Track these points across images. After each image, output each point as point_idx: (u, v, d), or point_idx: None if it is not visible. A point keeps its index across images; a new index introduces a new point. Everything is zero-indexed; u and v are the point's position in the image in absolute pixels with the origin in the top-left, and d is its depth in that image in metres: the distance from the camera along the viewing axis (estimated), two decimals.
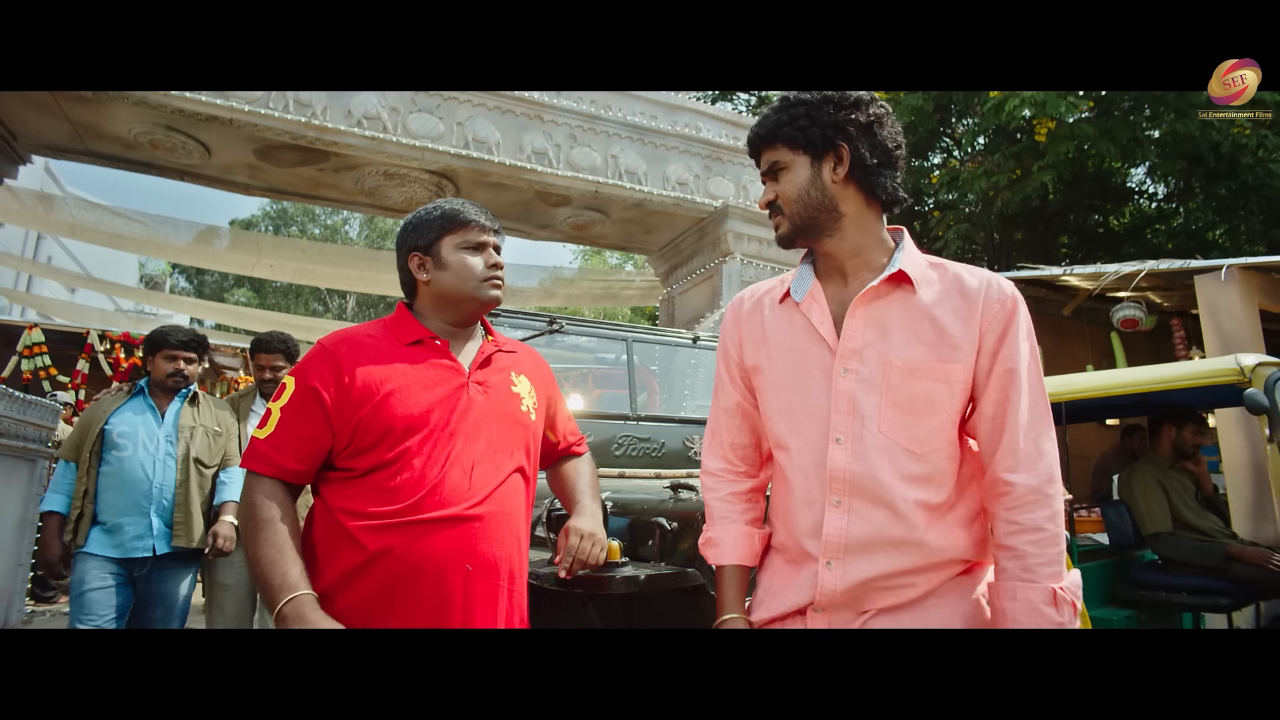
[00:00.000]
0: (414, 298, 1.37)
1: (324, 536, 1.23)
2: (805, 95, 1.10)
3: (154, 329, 2.71)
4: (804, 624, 1.03)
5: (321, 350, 1.26)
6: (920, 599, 0.99)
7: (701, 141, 6.83)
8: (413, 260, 1.33)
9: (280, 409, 1.23)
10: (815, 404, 1.03)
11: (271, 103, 5.19)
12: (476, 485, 1.23)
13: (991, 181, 9.63)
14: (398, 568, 1.17)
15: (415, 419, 1.21)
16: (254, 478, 1.21)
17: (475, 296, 1.31)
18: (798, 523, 1.04)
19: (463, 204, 1.37)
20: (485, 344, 1.36)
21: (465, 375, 1.29)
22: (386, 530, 1.17)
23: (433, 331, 1.31)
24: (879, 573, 0.98)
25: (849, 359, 1.02)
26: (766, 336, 1.11)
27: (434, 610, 1.17)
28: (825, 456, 1.01)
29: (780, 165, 1.08)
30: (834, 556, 1.00)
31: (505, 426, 1.29)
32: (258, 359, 2.96)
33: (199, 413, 2.71)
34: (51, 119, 5.12)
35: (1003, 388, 0.99)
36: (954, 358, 0.99)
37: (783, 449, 1.07)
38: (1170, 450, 3.33)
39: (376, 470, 1.20)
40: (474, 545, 1.20)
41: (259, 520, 1.17)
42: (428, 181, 6.11)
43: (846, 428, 1.00)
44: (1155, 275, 5.88)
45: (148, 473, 2.50)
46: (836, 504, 1.00)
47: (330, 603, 1.16)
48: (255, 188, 6.37)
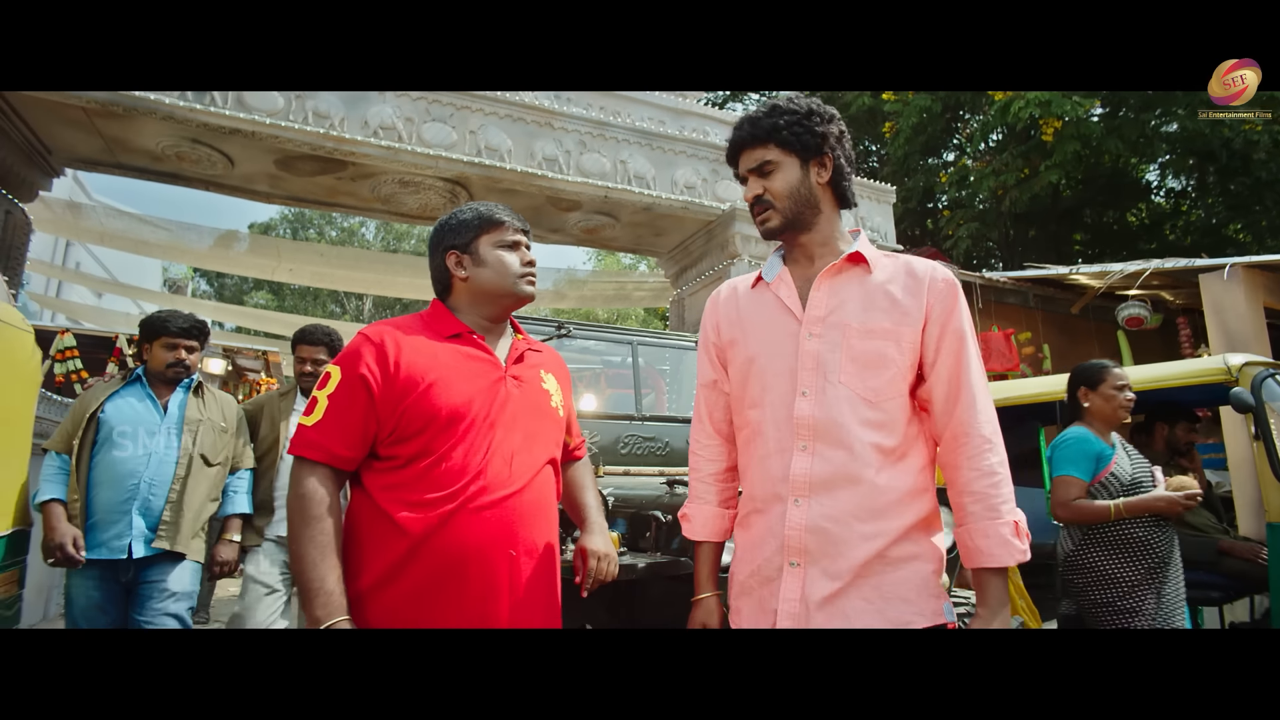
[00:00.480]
0: (448, 295, 1.42)
1: (367, 526, 1.24)
2: (794, 104, 1.26)
3: (150, 314, 2.51)
4: (781, 580, 1.15)
5: (366, 340, 1.28)
6: (883, 566, 1.13)
7: (709, 146, 6.94)
8: (450, 258, 1.39)
9: (327, 397, 1.25)
10: (784, 364, 1.19)
11: (291, 115, 5.37)
12: (516, 474, 1.28)
13: (1000, 180, 9.65)
14: (444, 554, 1.20)
15: (458, 409, 1.25)
16: (304, 465, 1.23)
17: (512, 291, 1.38)
18: (770, 470, 1.18)
19: (496, 206, 1.44)
20: (517, 341, 1.43)
21: (503, 369, 1.35)
22: (432, 516, 1.20)
23: (470, 326, 1.37)
24: (840, 511, 1.12)
25: (814, 324, 1.19)
26: (741, 316, 1.29)
27: (482, 595, 1.21)
28: (791, 409, 1.17)
29: (771, 164, 1.24)
30: (800, 494, 1.14)
31: (538, 420, 1.36)
32: (299, 351, 2.81)
33: (205, 405, 2.48)
34: (84, 134, 5.35)
35: (955, 351, 1.17)
36: (904, 322, 1.18)
37: (757, 407, 1.22)
38: (1164, 447, 3.40)
39: (420, 458, 1.23)
40: (516, 530, 1.25)
41: (307, 515, 1.19)
42: (441, 188, 6.27)
43: (811, 381, 1.17)
44: (1161, 274, 5.91)
45: (139, 467, 2.28)
46: (802, 448, 1.15)
47: (378, 594, 1.19)
48: (276, 196, 6.57)
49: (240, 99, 5.24)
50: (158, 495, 2.27)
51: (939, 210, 12.08)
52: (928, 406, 1.21)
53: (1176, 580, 2.54)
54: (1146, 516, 2.44)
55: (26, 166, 5.44)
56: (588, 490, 1.53)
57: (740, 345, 1.26)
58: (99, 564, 2.22)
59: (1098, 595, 2.43)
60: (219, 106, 5.16)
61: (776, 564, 1.16)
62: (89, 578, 2.23)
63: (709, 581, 1.30)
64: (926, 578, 1.16)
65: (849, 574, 1.12)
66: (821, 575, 1.13)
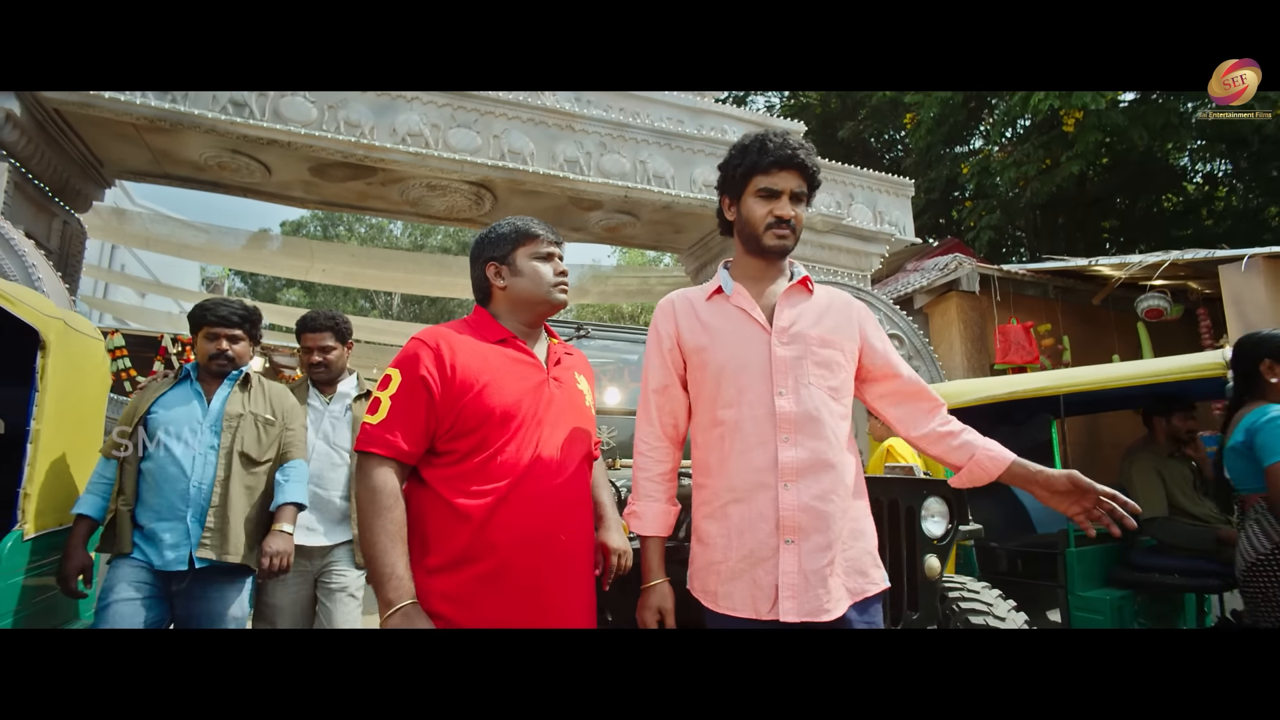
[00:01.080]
0: (488, 302, 1.53)
1: (432, 516, 1.35)
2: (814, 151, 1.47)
3: (196, 304, 2.38)
4: (779, 558, 1.30)
5: (423, 344, 1.39)
6: (850, 539, 1.36)
7: (727, 144, 7.03)
8: (490, 269, 1.51)
9: (390, 397, 1.35)
10: (758, 369, 1.37)
11: (324, 125, 5.63)
12: (561, 467, 1.40)
13: (1021, 172, 9.59)
14: (504, 539, 1.31)
15: (510, 408, 1.37)
16: (371, 459, 1.32)
17: (547, 299, 1.50)
18: (754, 461, 1.34)
19: (531, 220, 1.55)
20: (553, 346, 1.56)
21: (545, 371, 1.48)
22: (491, 504, 1.31)
23: (512, 331, 1.49)
24: (824, 490, 1.32)
25: (781, 334, 1.40)
26: (704, 324, 1.45)
27: (536, 576, 1.32)
28: (773, 406, 1.35)
29: (804, 196, 1.45)
30: (789, 479, 1.32)
31: (577, 418, 1.49)
32: (305, 339, 2.63)
33: (250, 398, 2.31)
34: (133, 147, 5.67)
35: (887, 343, 1.50)
36: (847, 335, 1.43)
37: (732, 406, 1.38)
38: (1166, 438, 3.48)
39: (476, 452, 1.34)
40: (566, 518, 1.39)
41: (378, 506, 1.28)
42: (467, 191, 6.50)
43: (786, 383, 1.36)
44: (1182, 265, 5.90)
45: (186, 469, 2.13)
46: (785, 439, 1.33)
47: (446, 575, 1.31)
48: (310, 201, 6.86)
49: (276, 111, 5.51)
50: (204, 500, 2.12)
51: (963, 201, 12.01)
52: (879, 384, 1.49)
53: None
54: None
55: (81, 179, 5.79)
56: (603, 489, 1.64)
57: (710, 351, 1.42)
58: (155, 571, 2.07)
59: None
60: (257, 119, 5.43)
61: (772, 544, 1.32)
62: (139, 579, 2.05)
63: (659, 569, 1.47)
64: (872, 551, 1.40)
65: (834, 545, 1.30)
66: (814, 549, 1.30)
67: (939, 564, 2.30)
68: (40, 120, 5.02)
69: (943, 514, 2.37)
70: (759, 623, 1.31)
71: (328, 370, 2.66)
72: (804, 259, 7.14)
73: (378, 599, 1.27)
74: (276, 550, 2.16)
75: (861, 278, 7.34)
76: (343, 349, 2.69)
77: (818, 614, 1.27)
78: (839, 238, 7.24)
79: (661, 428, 1.50)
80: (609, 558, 1.51)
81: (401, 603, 1.24)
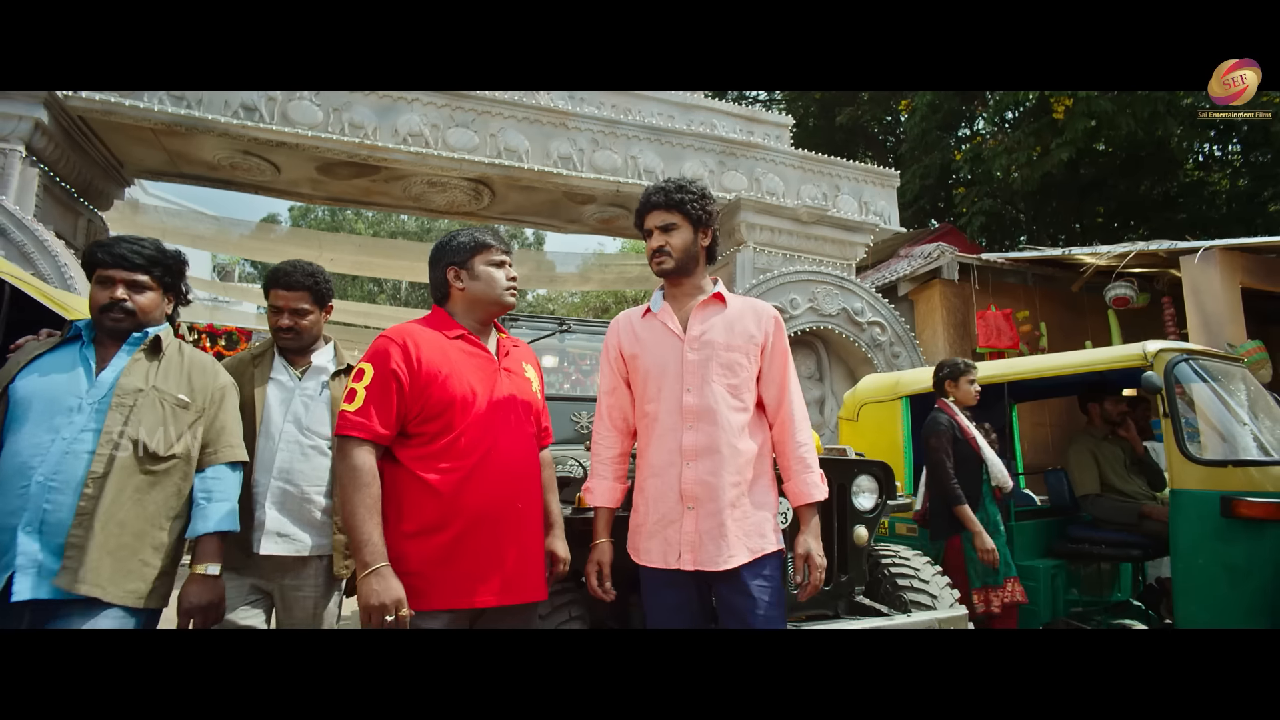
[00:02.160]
0: (446, 301, 1.72)
1: (406, 489, 1.54)
2: (691, 185, 1.79)
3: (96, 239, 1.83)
4: (681, 521, 1.66)
5: (391, 342, 1.57)
6: (747, 509, 1.67)
7: (715, 139, 7.32)
8: (450, 272, 1.69)
9: (364, 388, 1.53)
10: (673, 371, 1.72)
11: (330, 127, 5.95)
12: (515, 446, 1.63)
13: (1012, 159, 9.76)
14: (469, 509, 1.53)
15: (469, 396, 1.57)
16: (350, 442, 1.50)
17: (499, 301, 1.70)
18: (666, 445, 1.71)
19: (485, 231, 1.74)
20: (502, 340, 1.76)
21: (497, 363, 1.68)
22: (459, 480, 1.53)
23: (467, 330, 1.68)
24: (711, 467, 1.66)
25: (693, 343, 1.73)
26: (638, 337, 1.81)
27: (497, 541, 1.55)
28: (680, 402, 1.70)
29: (674, 225, 1.77)
30: (690, 460, 1.68)
31: (525, 404, 1.71)
32: (274, 297, 2.02)
33: (159, 370, 1.66)
34: (150, 149, 6.02)
35: (780, 366, 1.77)
36: (751, 342, 1.74)
37: (654, 402, 1.75)
38: (1101, 422, 3.78)
39: (443, 434, 1.55)
40: (520, 490, 1.62)
41: (358, 483, 1.47)
42: (466, 187, 6.81)
43: (693, 383, 1.71)
44: (1163, 253, 6.14)
45: (37, 460, 1.48)
46: (689, 428, 1.69)
47: (419, 541, 1.51)
48: (318, 197, 7.21)
49: (285, 115, 5.83)
50: (59, 504, 1.46)
51: (957, 186, 12.17)
52: (763, 403, 1.76)
53: None
54: None
55: (104, 180, 6.16)
56: (551, 493, 1.82)
57: (640, 358, 1.77)
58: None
59: None
60: (266, 122, 5.76)
61: (677, 510, 1.67)
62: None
63: (604, 531, 1.82)
64: (771, 519, 1.71)
65: (723, 512, 1.64)
66: (707, 514, 1.65)
67: (867, 533, 2.64)
68: (66, 127, 5.37)
69: (872, 490, 2.70)
70: (668, 572, 1.65)
71: (298, 338, 2.03)
72: (790, 249, 7.43)
73: (355, 561, 1.46)
74: (196, 604, 1.59)
75: (846, 266, 7.61)
76: (319, 314, 2.07)
77: (711, 564, 1.61)
78: (824, 228, 7.50)
79: (610, 421, 1.84)
80: (556, 565, 1.77)
81: (376, 564, 1.43)
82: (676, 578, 1.66)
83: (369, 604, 1.42)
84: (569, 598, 2.15)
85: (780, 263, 7.27)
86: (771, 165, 7.58)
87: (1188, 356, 3.27)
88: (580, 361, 3.79)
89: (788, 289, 7.04)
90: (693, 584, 1.69)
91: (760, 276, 7.05)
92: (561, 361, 3.71)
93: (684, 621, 1.69)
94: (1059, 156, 9.13)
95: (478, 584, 1.56)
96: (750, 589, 1.63)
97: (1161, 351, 3.24)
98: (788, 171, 7.63)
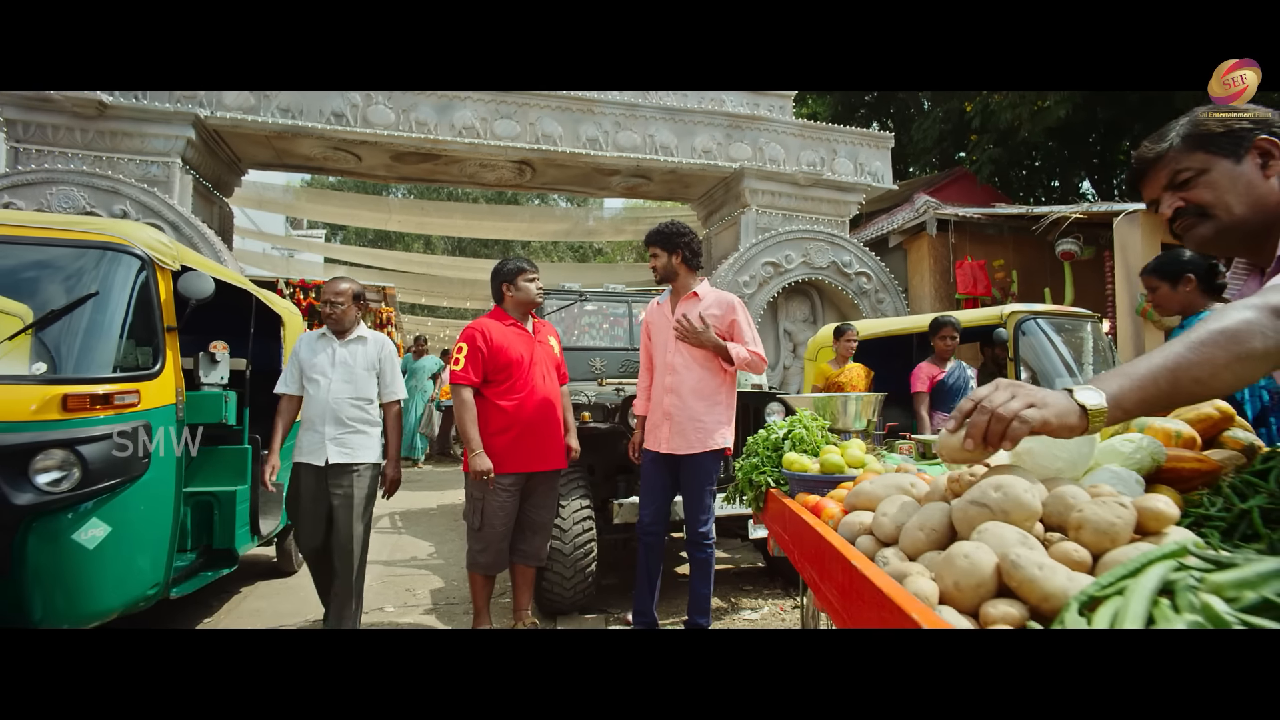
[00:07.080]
0: (502, 302, 3.10)
1: (489, 410, 2.94)
2: (666, 228, 3.12)
3: None
4: (663, 426, 3.03)
5: (475, 330, 2.96)
6: (704, 424, 3.00)
7: (723, 114, 8.36)
8: (504, 286, 3.08)
9: (464, 356, 2.92)
10: (667, 340, 3.06)
11: (400, 126, 7.33)
12: (548, 387, 3.04)
13: (1016, 113, 10.39)
14: (524, 420, 2.92)
15: (520, 359, 2.95)
16: (461, 387, 2.91)
17: (532, 301, 3.09)
18: (660, 384, 3.06)
19: (522, 259, 3.15)
20: (536, 324, 3.17)
21: (533, 339, 3.08)
22: (517, 405, 2.94)
23: (515, 319, 3.11)
24: (676, 400, 3.00)
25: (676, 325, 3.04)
26: (652, 321, 3.17)
27: (541, 440, 2.96)
28: (665, 359, 3.05)
29: (656, 253, 3.10)
30: (667, 394, 3.03)
31: (551, 362, 3.13)
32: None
33: None
34: (262, 148, 7.54)
35: (739, 332, 3.01)
36: (716, 320, 3.01)
37: (659, 357, 3.09)
38: (992, 364, 4.99)
39: (507, 380, 2.93)
40: (551, 411, 3.04)
41: (466, 406, 2.88)
42: (511, 167, 8.14)
43: (671, 348, 3.04)
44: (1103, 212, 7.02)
45: None
46: (669, 374, 3.03)
47: (496, 438, 2.88)
48: (392, 178, 8.67)
49: (365, 118, 7.23)
50: None
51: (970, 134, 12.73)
52: None
53: None
54: None
55: (228, 174, 7.75)
56: (568, 412, 3.24)
57: (652, 331, 3.13)
58: None
59: None
60: (351, 125, 7.18)
61: (665, 423, 3.05)
62: None
63: (640, 426, 3.19)
64: (717, 432, 2.99)
65: (684, 425, 3.00)
66: (675, 423, 3.02)
67: None
68: (205, 139, 6.92)
69: (780, 412, 4.05)
70: (655, 452, 3.02)
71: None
72: (790, 209, 8.54)
73: (467, 450, 2.92)
74: None
75: (840, 223, 8.67)
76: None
77: (678, 450, 2.96)
78: (820, 190, 8.55)
79: (645, 367, 3.20)
80: (570, 452, 3.18)
81: (476, 449, 2.83)
82: (659, 456, 3.06)
83: (475, 469, 2.87)
84: (576, 473, 3.63)
85: (780, 222, 8.39)
86: (774, 135, 8.57)
87: (1034, 316, 4.43)
88: (596, 323, 5.17)
89: (783, 246, 8.20)
90: (665, 462, 3.04)
91: (761, 236, 8.22)
92: (581, 321, 5.09)
93: (659, 480, 3.03)
94: (1056, 113, 9.75)
95: (529, 459, 3.03)
96: (700, 466, 2.96)
97: (1014, 313, 4.42)
98: (789, 139, 8.61)
